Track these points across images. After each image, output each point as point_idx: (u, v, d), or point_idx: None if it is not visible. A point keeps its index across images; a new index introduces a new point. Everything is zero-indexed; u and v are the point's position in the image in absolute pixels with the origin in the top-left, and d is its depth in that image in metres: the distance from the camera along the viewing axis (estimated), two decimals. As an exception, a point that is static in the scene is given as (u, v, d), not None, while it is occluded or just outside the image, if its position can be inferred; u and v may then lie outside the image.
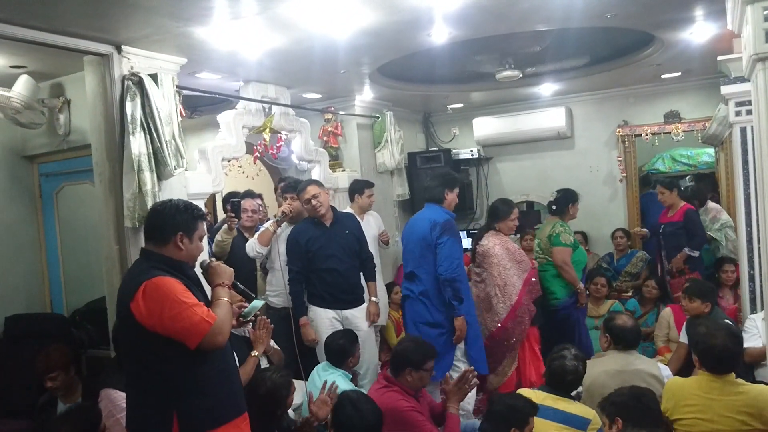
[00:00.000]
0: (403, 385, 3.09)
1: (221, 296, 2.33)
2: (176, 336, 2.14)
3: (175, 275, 2.24)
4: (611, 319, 3.32)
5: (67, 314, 4.59)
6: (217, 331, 2.17)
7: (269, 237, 4.19)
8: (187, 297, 2.17)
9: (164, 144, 3.48)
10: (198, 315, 2.14)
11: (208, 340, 2.16)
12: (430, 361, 3.13)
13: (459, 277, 3.82)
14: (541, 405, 2.77)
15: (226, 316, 2.27)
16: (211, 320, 2.16)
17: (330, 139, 5.87)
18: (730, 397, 2.62)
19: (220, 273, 2.43)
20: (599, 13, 3.69)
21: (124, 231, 3.51)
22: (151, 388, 2.24)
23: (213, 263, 2.49)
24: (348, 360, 3.56)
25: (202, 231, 2.40)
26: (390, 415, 2.88)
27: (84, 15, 3.01)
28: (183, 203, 2.39)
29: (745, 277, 4.19)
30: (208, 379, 2.24)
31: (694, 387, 2.73)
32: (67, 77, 4.27)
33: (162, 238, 2.31)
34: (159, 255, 2.30)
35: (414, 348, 3.16)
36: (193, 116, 5.62)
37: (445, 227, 3.84)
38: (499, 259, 4.24)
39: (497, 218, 4.42)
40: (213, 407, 2.25)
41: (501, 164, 7.31)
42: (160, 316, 2.13)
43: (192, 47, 3.65)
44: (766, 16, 2.01)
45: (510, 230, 4.45)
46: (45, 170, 4.69)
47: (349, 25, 3.51)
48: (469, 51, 4.72)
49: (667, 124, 6.33)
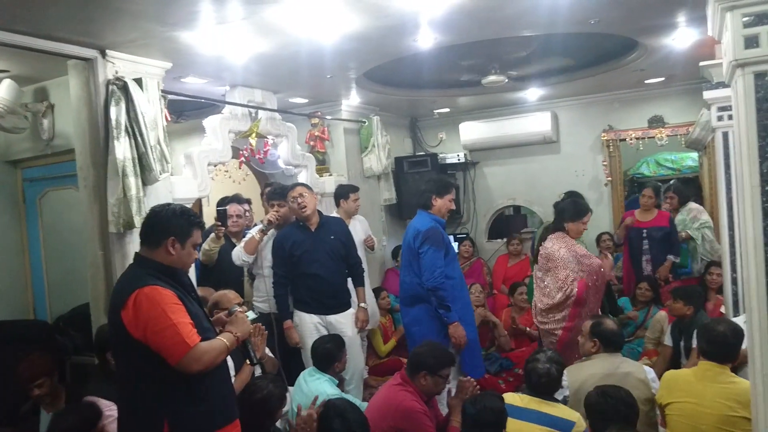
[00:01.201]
0: (417, 387, 3.10)
1: (223, 338, 2.30)
2: (157, 351, 2.14)
3: (170, 284, 2.23)
4: (598, 324, 3.35)
5: (51, 320, 4.54)
6: (194, 357, 2.14)
7: (255, 245, 4.16)
8: (175, 312, 2.14)
9: (149, 149, 3.46)
10: (180, 336, 2.11)
11: (184, 363, 2.13)
12: (446, 368, 3.12)
13: (442, 286, 3.76)
14: (526, 408, 2.79)
15: (215, 352, 2.23)
16: (191, 343, 2.13)
17: (317, 143, 5.86)
18: (722, 384, 2.75)
19: (238, 324, 2.43)
20: (583, 19, 3.72)
21: (108, 236, 3.48)
22: (142, 394, 2.23)
23: (240, 314, 2.48)
24: (334, 365, 3.55)
25: (196, 239, 2.36)
26: (400, 412, 2.93)
27: (68, 19, 2.99)
28: (181, 208, 2.37)
29: (727, 280, 4.23)
30: (199, 385, 2.23)
31: (689, 375, 2.90)
32: (51, 81, 4.23)
33: (154, 242, 2.29)
34: (152, 261, 2.28)
35: (432, 352, 3.16)
36: (178, 121, 5.58)
37: (426, 236, 3.80)
38: (565, 262, 3.90)
39: (568, 219, 4.05)
40: (204, 414, 2.25)
41: (488, 169, 7.34)
42: (145, 328, 2.12)
43: (178, 52, 3.64)
44: (744, 23, 2.04)
45: (578, 234, 4.09)
46: (28, 175, 4.64)
47: (335, 30, 3.52)
48: (456, 56, 4.75)
49: (651, 129, 6.41)
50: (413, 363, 3.14)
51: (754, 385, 2.11)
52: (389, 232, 6.69)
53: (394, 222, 6.87)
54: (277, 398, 2.92)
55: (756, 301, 2.05)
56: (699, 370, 2.87)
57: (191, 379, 2.19)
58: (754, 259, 2.05)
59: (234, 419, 2.39)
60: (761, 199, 2.03)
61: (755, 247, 2.04)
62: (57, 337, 4.34)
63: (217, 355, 2.23)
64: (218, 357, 2.24)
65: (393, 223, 6.84)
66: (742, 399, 2.65)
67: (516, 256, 6.58)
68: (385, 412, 3.00)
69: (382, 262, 6.48)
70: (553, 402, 2.91)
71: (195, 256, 2.42)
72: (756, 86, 2.04)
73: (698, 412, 2.72)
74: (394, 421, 2.92)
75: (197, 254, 2.49)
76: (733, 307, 4.18)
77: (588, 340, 3.34)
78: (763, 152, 2.02)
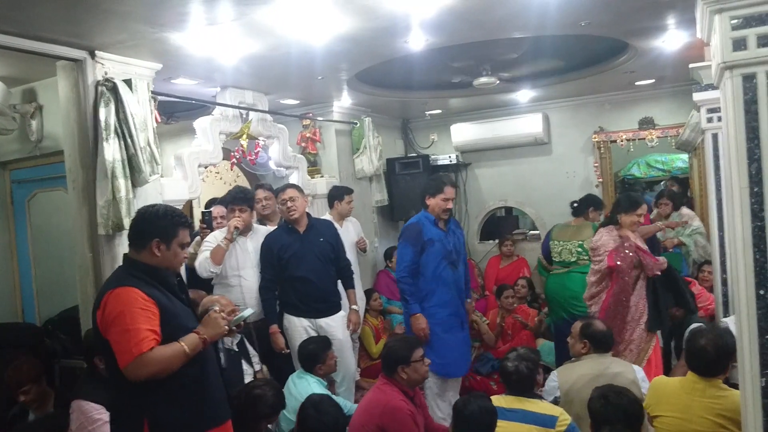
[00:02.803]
0: (401, 384, 3.12)
1: (183, 342, 2.21)
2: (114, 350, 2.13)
3: (153, 285, 2.23)
4: (588, 325, 3.35)
5: (40, 323, 4.49)
6: (140, 364, 2.09)
7: (222, 254, 3.92)
8: (135, 316, 2.11)
9: (139, 150, 3.44)
10: (130, 342, 2.09)
11: (129, 369, 2.10)
12: (417, 350, 3.18)
13: (403, 280, 3.96)
14: (510, 408, 2.80)
15: (166, 359, 2.15)
16: (137, 352, 2.09)
17: (308, 145, 5.85)
18: (711, 399, 2.63)
19: (209, 326, 2.32)
20: (574, 21, 3.73)
21: (97, 238, 3.46)
22: (122, 394, 2.24)
23: (212, 315, 2.36)
24: (317, 366, 3.54)
25: (182, 238, 2.34)
26: (386, 411, 2.96)
27: (57, 20, 2.97)
28: (164, 209, 2.36)
29: (718, 280, 4.26)
30: (179, 386, 2.21)
31: (678, 386, 2.77)
32: (39, 83, 4.20)
33: (140, 243, 2.29)
34: (137, 262, 2.28)
35: (397, 345, 3.22)
36: (169, 122, 5.55)
37: (403, 231, 4.11)
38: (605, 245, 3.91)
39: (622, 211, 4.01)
40: (184, 416, 2.23)
41: (479, 170, 7.35)
42: (108, 328, 2.14)
43: (168, 53, 3.62)
44: (733, 25, 2.05)
45: (632, 225, 3.98)
46: (17, 177, 4.60)
47: (326, 31, 3.51)
48: (447, 57, 4.75)
49: (642, 131, 6.44)
50: (388, 364, 3.17)
51: (744, 387, 2.12)
52: (381, 233, 6.68)
53: (386, 223, 6.86)
54: (273, 401, 2.91)
55: (745, 301, 2.06)
56: (687, 381, 2.74)
57: (168, 380, 2.17)
58: (743, 259, 2.05)
59: (223, 422, 2.37)
60: (750, 200, 2.04)
61: (744, 248, 2.05)
62: (46, 341, 4.30)
63: (170, 362, 2.16)
64: (171, 363, 2.16)
65: (385, 225, 6.83)
66: (731, 414, 2.54)
67: (508, 258, 6.59)
68: (371, 412, 3.04)
69: (374, 264, 6.47)
70: (533, 399, 2.93)
71: (183, 255, 2.39)
72: (744, 88, 2.05)
73: (685, 429, 2.64)
74: (380, 419, 2.96)
75: (186, 254, 2.47)
76: (723, 307, 4.20)
77: (578, 341, 3.36)
78: (752, 154, 2.02)
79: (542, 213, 7.00)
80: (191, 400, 2.25)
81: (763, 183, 2.02)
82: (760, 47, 2.02)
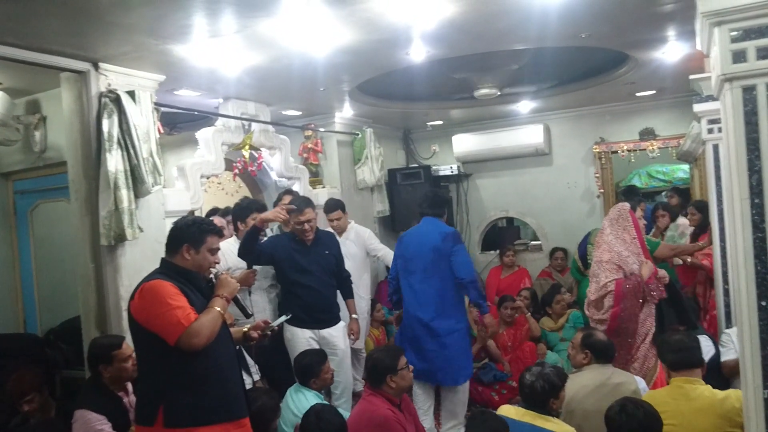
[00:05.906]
0: (388, 394, 3.13)
1: (214, 305, 2.50)
2: (158, 333, 2.36)
3: (178, 280, 2.48)
4: (589, 336, 3.34)
5: (41, 334, 4.49)
6: (192, 333, 2.34)
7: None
8: (174, 299, 2.37)
9: (141, 161, 3.45)
10: (176, 317, 2.34)
11: (184, 340, 2.34)
12: (401, 357, 3.21)
13: (475, 280, 4.10)
14: (520, 421, 2.77)
15: (210, 322, 2.42)
16: (186, 323, 2.34)
17: (310, 155, 5.87)
18: (698, 401, 2.71)
19: (221, 285, 2.60)
20: (574, 33, 3.76)
21: (99, 249, 3.47)
22: (145, 381, 2.53)
23: (222, 276, 2.66)
24: (311, 380, 3.48)
25: (210, 243, 2.58)
26: (374, 421, 2.97)
27: (61, 32, 2.99)
28: (193, 219, 2.66)
29: (720, 292, 4.25)
30: (196, 377, 2.41)
31: (665, 395, 2.84)
32: (43, 94, 4.23)
33: (173, 248, 2.58)
34: (171, 263, 2.57)
35: (381, 354, 3.23)
36: (171, 133, 5.58)
37: (456, 237, 4.17)
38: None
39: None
40: (197, 405, 2.40)
41: (480, 180, 7.37)
42: (147, 313, 2.39)
43: (171, 64, 3.64)
44: (732, 38, 2.06)
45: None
46: (20, 187, 4.61)
47: (327, 43, 3.53)
48: (448, 69, 4.78)
49: (643, 141, 6.45)
50: (375, 375, 3.16)
51: (746, 398, 2.11)
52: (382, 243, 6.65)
53: (388, 234, 6.86)
54: (270, 410, 2.91)
55: (747, 312, 2.06)
56: (672, 388, 2.84)
57: (186, 370, 2.39)
58: (744, 270, 2.06)
59: (237, 417, 2.52)
60: (751, 211, 2.04)
61: (745, 258, 2.05)
62: (47, 351, 4.30)
63: (213, 324, 2.43)
64: (215, 324, 2.44)
65: (386, 235, 6.82)
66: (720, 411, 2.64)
67: (509, 268, 6.58)
68: (360, 423, 3.04)
69: (376, 275, 6.46)
70: (548, 416, 2.89)
71: (213, 260, 2.62)
72: (744, 100, 2.06)
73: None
74: (368, 429, 2.97)
75: (217, 258, 2.66)
76: (725, 318, 4.19)
77: (579, 352, 3.34)
78: (752, 165, 2.03)
79: (543, 223, 7.01)
80: (204, 390, 2.42)
81: (763, 194, 2.02)
82: (760, 59, 2.03)
